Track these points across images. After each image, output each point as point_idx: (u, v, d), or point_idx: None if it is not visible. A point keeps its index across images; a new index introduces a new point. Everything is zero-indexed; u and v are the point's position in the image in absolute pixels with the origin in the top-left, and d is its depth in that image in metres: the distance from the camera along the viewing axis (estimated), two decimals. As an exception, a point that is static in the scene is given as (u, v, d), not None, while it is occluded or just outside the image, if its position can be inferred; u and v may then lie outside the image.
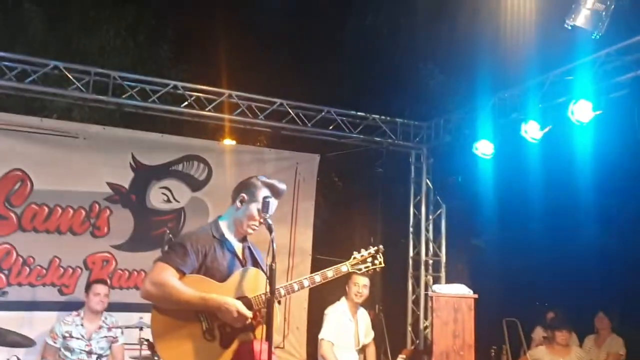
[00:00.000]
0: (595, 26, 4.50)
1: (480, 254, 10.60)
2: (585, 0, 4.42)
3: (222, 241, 3.14)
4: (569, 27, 4.56)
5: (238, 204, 3.19)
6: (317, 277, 3.22)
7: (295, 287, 3.17)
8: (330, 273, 3.27)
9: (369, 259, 3.41)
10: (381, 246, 3.47)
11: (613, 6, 4.39)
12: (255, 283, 3.09)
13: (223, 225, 3.21)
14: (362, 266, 3.40)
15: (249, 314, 2.97)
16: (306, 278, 3.23)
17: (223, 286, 3.03)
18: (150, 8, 9.99)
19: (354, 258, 3.40)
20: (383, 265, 3.44)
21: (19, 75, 6.28)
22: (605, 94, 5.49)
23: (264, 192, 3.15)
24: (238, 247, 3.21)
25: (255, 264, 3.20)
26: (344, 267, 3.35)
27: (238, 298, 3.01)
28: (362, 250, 3.45)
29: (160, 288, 2.93)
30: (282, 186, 3.22)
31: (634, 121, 5.26)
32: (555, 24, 4.85)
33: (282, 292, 3.12)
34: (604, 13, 4.42)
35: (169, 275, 2.94)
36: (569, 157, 6.75)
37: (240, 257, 3.18)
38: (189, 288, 2.94)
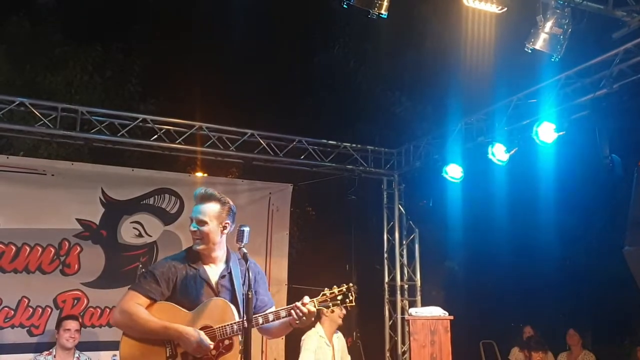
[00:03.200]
0: (554, 49, 4.67)
1: (454, 276, 10.68)
2: (544, 24, 4.58)
3: (196, 269, 3.15)
4: (529, 51, 4.72)
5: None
6: (283, 312, 3.12)
7: (260, 320, 3.10)
8: (293, 312, 3.10)
9: (339, 297, 3.20)
10: (352, 284, 3.27)
11: (570, 29, 4.56)
12: (222, 314, 3.08)
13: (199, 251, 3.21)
14: (330, 303, 3.19)
15: (209, 344, 2.97)
16: (271, 313, 3.14)
17: (190, 315, 3.06)
18: (117, 43, 9.98)
19: (323, 295, 3.21)
20: (354, 304, 3.23)
21: (-17, 113, 6.20)
22: (567, 115, 5.68)
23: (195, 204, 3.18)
24: (213, 274, 3.18)
25: (233, 294, 3.15)
26: (311, 306, 3.15)
27: (202, 328, 3.02)
28: (334, 287, 3.25)
29: (127, 316, 3.01)
30: (199, 191, 3.18)
31: (596, 141, 5.42)
32: (517, 49, 5.01)
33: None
34: (561, 36, 4.59)
35: (136, 304, 3.02)
36: (535, 177, 6.92)
37: (214, 285, 3.15)
38: (154, 317, 3.00)
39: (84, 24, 9.78)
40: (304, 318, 3.10)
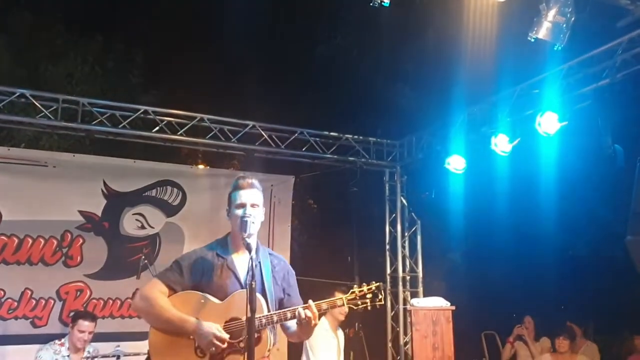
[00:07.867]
0: (557, 38, 4.64)
1: (456, 267, 10.69)
2: (547, 13, 4.55)
3: (225, 259, 3.13)
4: (532, 40, 4.69)
5: (227, 217, 3.20)
6: (288, 314, 3.06)
7: (289, 314, 3.05)
8: (324, 305, 3.13)
9: (369, 295, 3.17)
10: (381, 282, 3.25)
11: (573, 18, 4.53)
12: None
13: (229, 240, 3.21)
14: (359, 302, 3.17)
15: (221, 344, 2.94)
16: (301, 308, 3.06)
17: (219, 306, 3.04)
18: (118, 34, 9.95)
19: (352, 292, 3.18)
20: (382, 303, 3.21)
21: (-16, 105, 6.19)
22: (570, 106, 5.65)
23: (232, 189, 3.17)
24: (241, 265, 3.13)
25: (262, 285, 3.10)
26: (339, 302, 3.16)
27: (230, 320, 3.02)
28: (364, 285, 3.21)
29: (146, 302, 3.03)
30: (245, 180, 3.16)
31: (599, 131, 5.40)
32: (520, 39, 4.98)
33: (275, 318, 3.02)
34: (564, 25, 4.56)
35: (157, 292, 3.03)
36: (538, 168, 6.89)
37: (241, 276, 3.10)
38: (173, 307, 2.99)
39: (85, 14, 9.75)
40: (305, 321, 3.03)
